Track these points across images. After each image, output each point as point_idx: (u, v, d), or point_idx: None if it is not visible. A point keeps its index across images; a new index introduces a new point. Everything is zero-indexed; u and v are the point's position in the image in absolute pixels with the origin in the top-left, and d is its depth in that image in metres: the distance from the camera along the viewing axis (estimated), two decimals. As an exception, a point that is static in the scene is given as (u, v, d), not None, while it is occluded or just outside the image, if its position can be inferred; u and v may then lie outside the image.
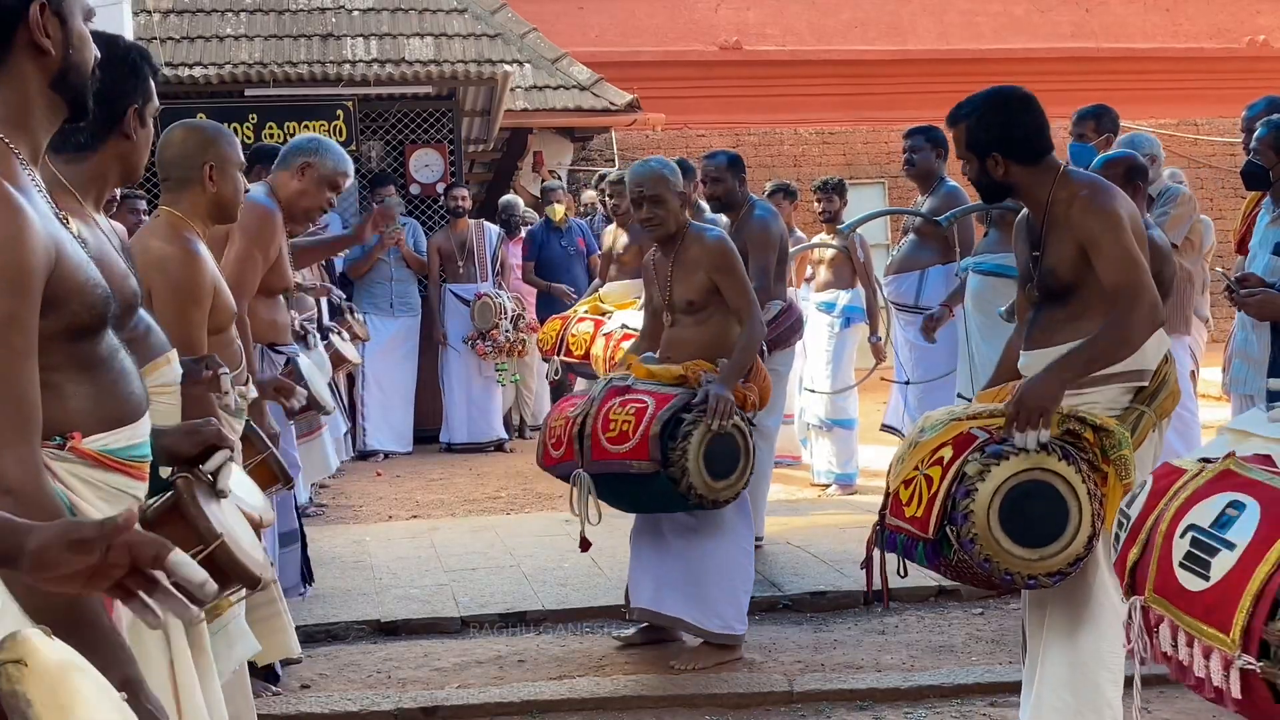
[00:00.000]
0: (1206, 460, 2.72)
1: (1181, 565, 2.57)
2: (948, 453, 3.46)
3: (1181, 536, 2.60)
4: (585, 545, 4.91)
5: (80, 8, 2.10)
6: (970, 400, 4.60)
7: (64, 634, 1.55)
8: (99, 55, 2.15)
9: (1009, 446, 3.40)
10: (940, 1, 16.58)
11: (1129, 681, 3.63)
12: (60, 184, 2.56)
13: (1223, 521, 2.52)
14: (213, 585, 1.60)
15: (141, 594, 1.60)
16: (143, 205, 7.64)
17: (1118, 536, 2.87)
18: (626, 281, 7.56)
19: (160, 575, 1.59)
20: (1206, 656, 2.46)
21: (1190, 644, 2.52)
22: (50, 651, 1.50)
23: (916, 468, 3.51)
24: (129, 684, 1.81)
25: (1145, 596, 2.67)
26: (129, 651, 1.89)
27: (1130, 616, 2.71)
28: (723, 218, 6.38)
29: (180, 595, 1.60)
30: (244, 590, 2.43)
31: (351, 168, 4.76)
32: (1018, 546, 3.33)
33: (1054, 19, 16.74)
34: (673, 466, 4.48)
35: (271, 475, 3.71)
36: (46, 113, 2.08)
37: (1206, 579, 2.48)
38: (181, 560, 1.59)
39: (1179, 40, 16.80)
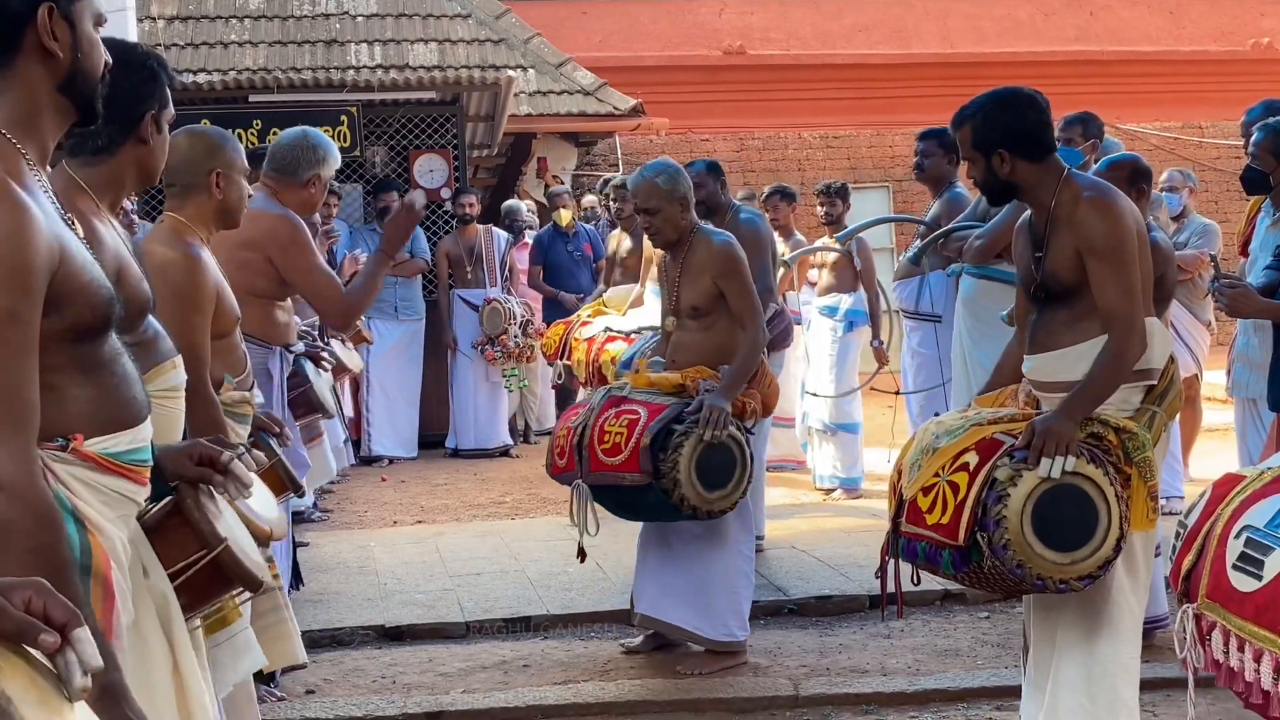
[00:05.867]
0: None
1: (1235, 567, 2.53)
2: (973, 458, 3.42)
3: (1236, 538, 2.56)
4: (582, 555, 4.91)
5: (90, 13, 2.10)
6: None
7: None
8: (109, 61, 2.15)
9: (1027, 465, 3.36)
10: (944, 5, 16.57)
11: (1141, 687, 3.66)
12: (78, 186, 2.60)
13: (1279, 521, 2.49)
14: (85, 683, 1.47)
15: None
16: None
17: (1174, 547, 2.84)
18: (630, 286, 7.56)
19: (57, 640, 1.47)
20: (1257, 660, 2.42)
21: (1241, 648, 2.47)
22: (19, 649, 1.50)
23: (937, 474, 3.45)
24: (109, 688, 1.79)
25: (1198, 603, 2.62)
26: (113, 656, 1.87)
27: (1183, 625, 2.67)
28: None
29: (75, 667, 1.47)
30: (246, 593, 2.45)
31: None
32: (1050, 551, 3.31)
33: (1058, 22, 16.72)
34: (664, 478, 4.44)
35: (280, 483, 3.71)
36: (55, 115, 2.08)
37: (1259, 579, 2.44)
38: (84, 638, 1.48)
39: (1183, 43, 16.78)
